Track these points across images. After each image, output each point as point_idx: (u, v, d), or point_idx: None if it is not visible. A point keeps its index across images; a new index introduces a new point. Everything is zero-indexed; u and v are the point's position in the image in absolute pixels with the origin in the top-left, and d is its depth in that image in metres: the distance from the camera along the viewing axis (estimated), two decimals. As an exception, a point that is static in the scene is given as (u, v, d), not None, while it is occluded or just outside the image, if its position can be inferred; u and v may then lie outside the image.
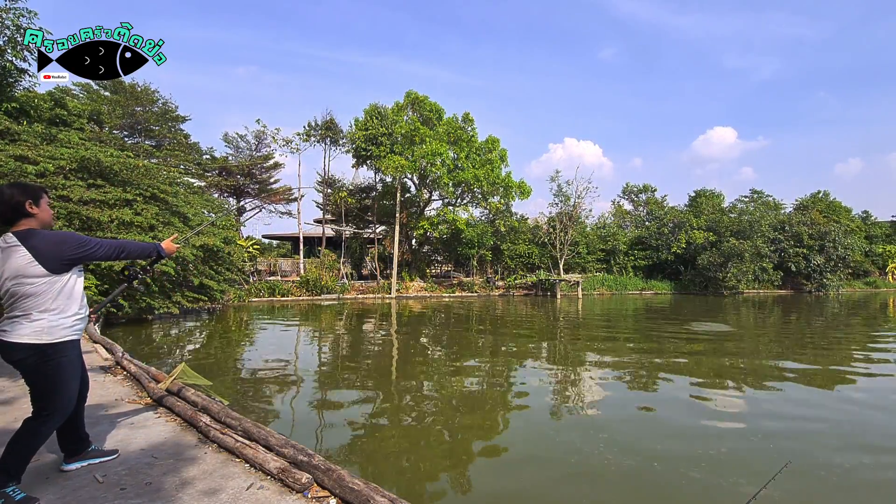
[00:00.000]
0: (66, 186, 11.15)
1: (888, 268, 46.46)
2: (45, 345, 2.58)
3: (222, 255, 15.65)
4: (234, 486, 2.85)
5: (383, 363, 9.15)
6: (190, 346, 10.93)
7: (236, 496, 2.73)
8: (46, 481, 2.87)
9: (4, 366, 6.01)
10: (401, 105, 29.93)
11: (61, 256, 2.60)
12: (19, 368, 2.63)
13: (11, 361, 2.61)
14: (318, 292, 25.39)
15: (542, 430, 5.36)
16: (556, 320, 17.09)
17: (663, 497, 3.71)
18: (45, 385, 2.64)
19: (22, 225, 2.61)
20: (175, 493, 2.76)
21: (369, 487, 2.65)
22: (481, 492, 3.85)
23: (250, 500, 2.68)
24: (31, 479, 2.86)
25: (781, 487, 3.69)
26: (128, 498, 2.68)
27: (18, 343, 2.54)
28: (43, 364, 2.60)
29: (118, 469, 3.07)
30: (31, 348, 2.55)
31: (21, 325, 2.54)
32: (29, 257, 2.52)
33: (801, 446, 4.82)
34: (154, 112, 30.32)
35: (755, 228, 34.91)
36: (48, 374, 2.62)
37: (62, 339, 2.64)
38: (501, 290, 31.40)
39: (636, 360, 9.48)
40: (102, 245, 2.79)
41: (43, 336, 2.56)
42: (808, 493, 3.80)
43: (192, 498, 2.70)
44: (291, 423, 5.43)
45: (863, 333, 13.89)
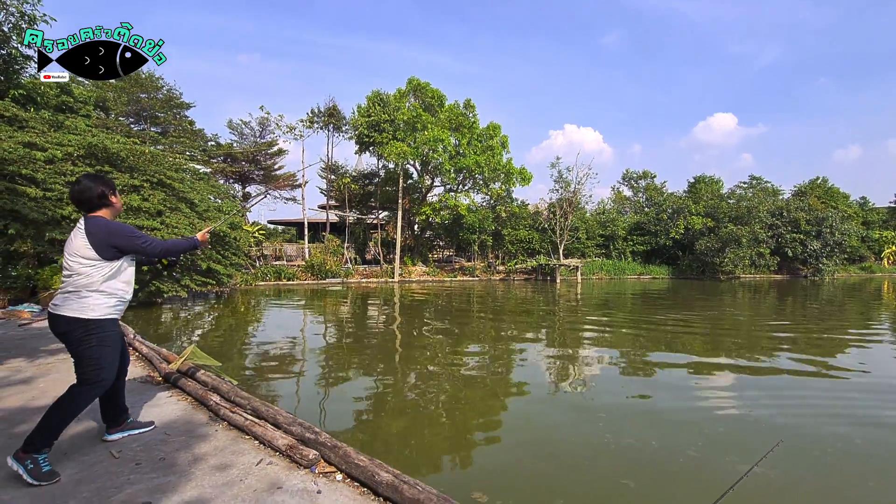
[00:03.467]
0: (74, 173, 11.25)
1: (884, 253, 46.48)
2: (89, 320, 2.82)
3: (229, 240, 15.79)
4: (245, 462, 2.98)
5: (387, 345, 9.28)
6: (199, 328, 11.10)
7: (247, 471, 2.86)
8: (64, 457, 3.00)
9: (22, 347, 6.21)
10: (403, 92, 29.82)
11: (109, 244, 2.85)
12: (65, 340, 2.86)
13: (58, 332, 2.87)
14: (322, 276, 25.58)
15: (542, 410, 5.47)
16: (555, 304, 17.18)
17: (661, 474, 3.81)
18: (88, 356, 2.86)
19: (100, 212, 2.94)
20: (188, 468, 2.89)
21: (374, 463, 2.76)
22: (481, 468, 3.95)
23: (260, 475, 2.81)
24: (50, 455, 2.99)
25: (776, 466, 3.80)
26: (143, 472, 2.81)
27: (66, 316, 2.80)
28: (87, 337, 2.83)
29: (133, 445, 3.20)
30: (77, 322, 2.80)
31: (71, 301, 2.80)
32: (85, 241, 2.81)
33: (796, 424, 4.90)
34: (159, 99, 30.27)
35: (753, 214, 34.84)
36: (91, 347, 2.85)
37: (104, 317, 2.88)
38: (502, 275, 31.53)
39: (633, 342, 9.58)
40: (153, 245, 3.03)
41: (88, 312, 2.82)
42: (800, 470, 3.90)
43: (205, 473, 2.83)
44: (298, 402, 5.56)
45: (856, 316, 13.94)
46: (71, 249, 2.84)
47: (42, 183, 10.55)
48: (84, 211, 2.95)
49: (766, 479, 3.65)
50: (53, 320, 2.85)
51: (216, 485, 2.67)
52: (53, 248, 10.64)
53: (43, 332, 7.48)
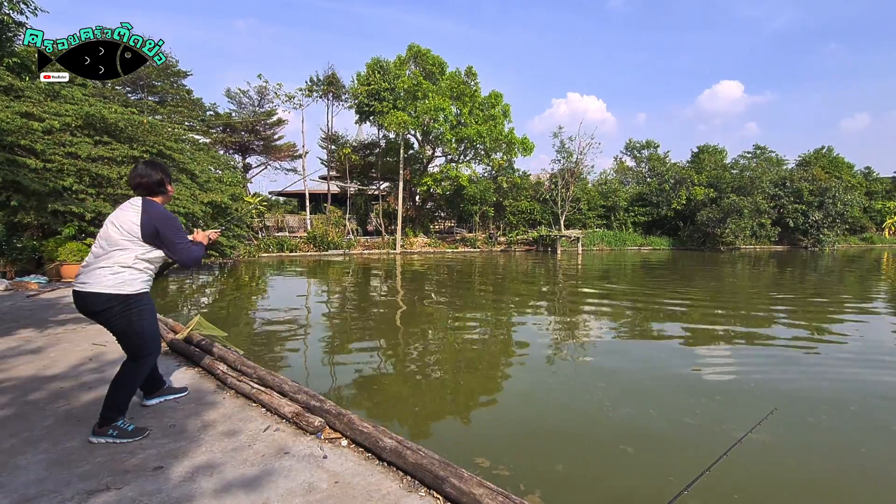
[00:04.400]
0: (73, 143, 11.16)
1: (885, 223, 46.45)
2: (127, 295, 2.85)
3: (230, 211, 15.77)
4: (252, 429, 3.06)
5: (389, 315, 9.39)
6: (204, 298, 11.22)
7: (254, 437, 2.94)
8: (78, 423, 3.08)
9: (31, 317, 6.30)
10: (403, 59, 29.16)
11: (156, 230, 2.87)
12: (103, 319, 2.86)
13: (93, 311, 2.84)
14: (324, 248, 25.66)
15: (541, 378, 5.57)
16: (555, 274, 17.27)
17: (660, 440, 3.90)
18: (133, 332, 2.92)
19: (155, 197, 3.02)
20: (198, 434, 2.97)
21: (377, 430, 2.83)
22: (483, 434, 4.06)
23: (268, 441, 2.89)
24: (61, 424, 3.09)
25: (771, 432, 3.89)
26: (155, 438, 2.90)
27: (102, 293, 2.78)
28: (127, 311, 2.86)
29: (143, 412, 3.29)
30: (115, 298, 2.81)
31: (104, 276, 2.79)
32: (137, 219, 2.84)
33: (791, 391, 4.99)
34: (155, 67, 29.79)
35: (756, 185, 34.68)
36: (133, 321, 2.89)
37: (140, 291, 2.92)
38: (503, 246, 31.61)
39: (632, 312, 9.68)
40: (186, 250, 2.99)
41: (125, 287, 2.83)
42: (794, 436, 4.00)
43: (214, 438, 2.91)
44: (303, 371, 5.67)
45: (854, 286, 14.01)
46: (119, 222, 2.86)
47: (42, 154, 10.48)
48: (140, 194, 3.00)
49: (761, 445, 3.76)
50: (86, 298, 2.81)
51: (225, 450, 2.76)
52: (56, 220, 10.65)
53: (51, 302, 7.57)
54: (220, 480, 2.43)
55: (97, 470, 2.51)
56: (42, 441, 2.83)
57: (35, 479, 2.41)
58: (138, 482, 2.40)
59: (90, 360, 4.48)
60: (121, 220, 2.86)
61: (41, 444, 2.79)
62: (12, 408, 3.33)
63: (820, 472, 3.53)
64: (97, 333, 5.46)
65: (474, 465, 3.33)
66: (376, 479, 2.49)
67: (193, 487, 2.37)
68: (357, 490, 2.38)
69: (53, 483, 2.38)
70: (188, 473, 2.50)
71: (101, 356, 4.62)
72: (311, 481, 2.45)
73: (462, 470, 2.36)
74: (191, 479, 2.45)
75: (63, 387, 3.76)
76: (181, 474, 2.49)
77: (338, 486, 2.41)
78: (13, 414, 3.22)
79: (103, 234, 2.88)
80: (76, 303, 2.87)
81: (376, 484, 2.45)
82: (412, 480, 2.48)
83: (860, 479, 3.41)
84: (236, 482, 2.42)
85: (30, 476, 2.44)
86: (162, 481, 2.42)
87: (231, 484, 2.40)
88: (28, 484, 2.37)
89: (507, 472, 3.29)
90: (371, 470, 2.59)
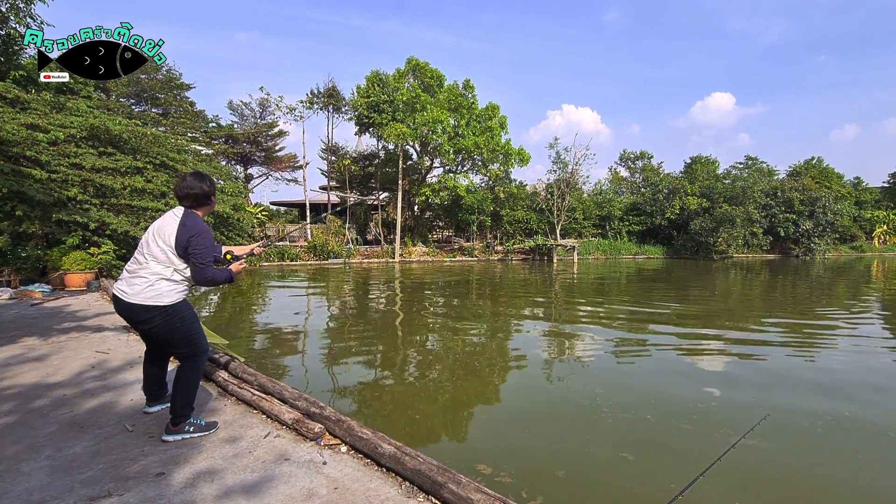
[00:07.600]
0: (78, 154, 11.29)
1: (875, 232, 46.81)
2: (166, 306, 2.90)
3: (232, 221, 15.87)
4: (253, 435, 3.10)
5: (388, 323, 9.41)
6: (205, 306, 11.25)
7: (255, 443, 2.97)
8: (81, 430, 3.12)
9: (35, 326, 6.34)
10: (402, 72, 29.57)
11: (188, 242, 2.87)
12: (145, 329, 2.95)
13: (135, 321, 2.93)
14: (325, 257, 25.76)
15: (539, 385, 5.59)
16: (552, 283, 17.32)
17: (657, 445, 3.92)
18: (179, 339, 3.00)
19: (199, 210, 3.07)
20: (199, 440, 3.00)
21: (376, 436, 2.86)
22: (484, 441, 4.06)
23: (268, 447, 2.92)
24: (64, 431, 3.13)
25: (766, 438, 3.91)
26: (156, 445, 2.93)
27: (143, 305, 2.85)
28: (169, 322, 2.93)
29: (145, 419, 3.33)
30: (157, 310, 2.88)
31: (143, 288, 2.85)
32: (174, 232, 2.87)
33: (785, 398, 5.01)
34: (159, 80, 30.09)
35: (748, 194, 35.14)
36: (178, 327, 2.96)
37: (176, 301, 2.96)
38: (500, 255, 31.85)
39: (627, 318, 9.72)
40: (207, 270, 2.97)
41: (161, 299, 2.88)
42: (787, 442, 4.01)
43: (215, 445, 2.95)
44: (303, 378, 5.69)
45: (846, 294, 14.02)
46: (162, 234, 2.89)
47: (47, 165, 10.60)
48: (185, 205, 3.03)
49: (755, 450, 3.78)
50: (128, 308, 2.88)
51: (226, 456, 2.79)
52: (61, 229, 10.73)
53: (55, 311, 7.61)
54: (221, 486, 2.47)
55: (99, 476, 2.54)
56: (45, 448, 2.86)
57: (38, 486, 2.44)
58: (140, 488, 2.43)
59: (93, 368, 4.51)
60: (161, 231, 2.90)
61: (44, 451, 2.82)
62: (16, 415, 3.36)
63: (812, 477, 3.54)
64: (100, 341, 5.50)
65: (476, 472, 3.35)
66: (375, 485, 2.52)
67: (195, 493, 2.40)
68: (356, 495, 2.41)
69: (56, 489, 2.41)
70: (189, 479, 2.53)
71: (103, 364, 4.65)
72: (311, 487, 2.48)
73: (460, 476, 2.39)
74: (192, 485, 2.48)
75: (66, 394, 3.80)
76: (182, 480, 2.52)
77: (337, 491, 2.45)
78: (16, 421, 3.26)
79: (144, 243, 2.93)
80: (115, 306, 2.96)
81: (375, 489, 2.48)
82: (411, 486, 2.51)
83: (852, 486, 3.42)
84: (237, 488, 2.45)
85: (33, 482, 2.47)
86: (163, 487, 2.45)
87: (232, 490, 2.43)
88: (31, 490, 2.40)
89: (508, 478, 3.31)
90: (370, 475, 2.62)
